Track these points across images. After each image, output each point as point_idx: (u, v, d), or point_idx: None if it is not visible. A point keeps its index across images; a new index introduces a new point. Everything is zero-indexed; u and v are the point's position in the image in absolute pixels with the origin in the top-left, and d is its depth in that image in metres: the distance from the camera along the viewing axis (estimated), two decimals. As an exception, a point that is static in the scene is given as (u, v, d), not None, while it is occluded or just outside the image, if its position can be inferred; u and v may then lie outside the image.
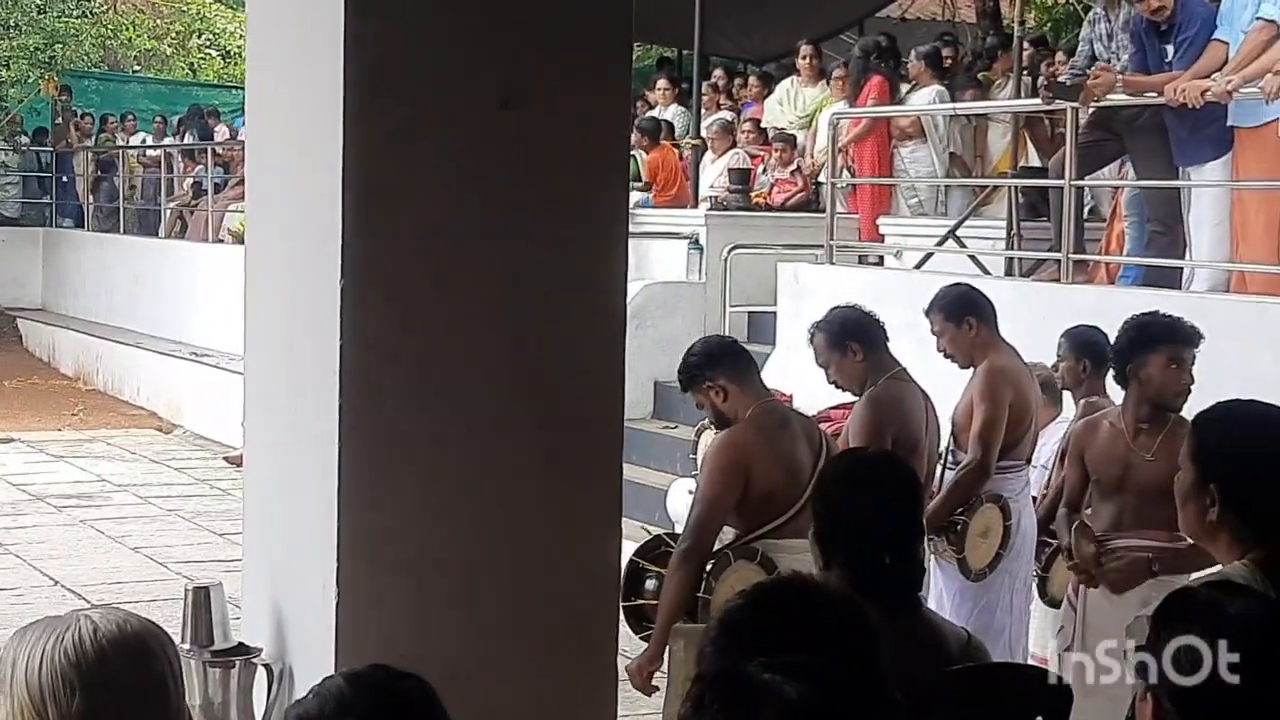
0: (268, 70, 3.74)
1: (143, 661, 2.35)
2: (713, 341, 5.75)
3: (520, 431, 3.46)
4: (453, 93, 3.37)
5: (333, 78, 3.26)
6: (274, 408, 3.70)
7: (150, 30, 29.85)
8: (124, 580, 9.54)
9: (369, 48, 3.27)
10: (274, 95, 3.70)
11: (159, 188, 20.09)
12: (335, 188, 3.27)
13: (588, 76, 3.49)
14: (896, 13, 19.56)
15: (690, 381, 5.45)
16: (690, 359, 5.46)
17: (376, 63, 3.29)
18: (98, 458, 13.92)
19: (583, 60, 3.48)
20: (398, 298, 3.35)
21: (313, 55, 3.38)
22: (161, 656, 2.38)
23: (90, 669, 2.29)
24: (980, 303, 6.36)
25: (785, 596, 2.37)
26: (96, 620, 2.35)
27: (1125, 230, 8.95)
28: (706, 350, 5.49)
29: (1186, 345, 5.37)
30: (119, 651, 2.32)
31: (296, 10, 3.53)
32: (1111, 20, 8.72)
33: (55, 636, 2.31)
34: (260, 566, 3.75)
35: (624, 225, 3.64)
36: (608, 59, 3.54)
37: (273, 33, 3.71)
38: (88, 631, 2.32)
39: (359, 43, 3.25)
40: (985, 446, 6.08)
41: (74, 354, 18.63)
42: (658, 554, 5.33)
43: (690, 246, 12.20)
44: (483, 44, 3.39)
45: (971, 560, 6.10)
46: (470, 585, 3.44)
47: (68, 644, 2.30)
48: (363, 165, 3.27)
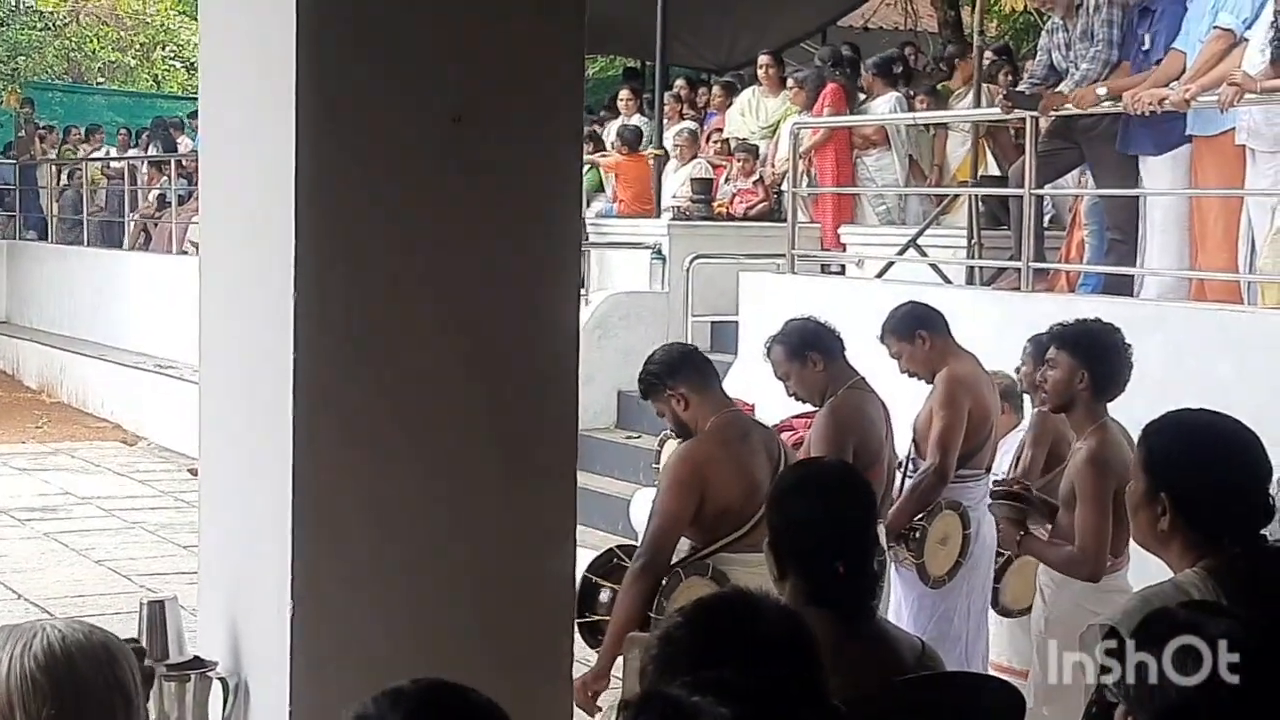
0: (221, 85, 3.75)
1: (109, 670, 2.36)
2: (673, 349, 5.70)
3: (474, 443, 3.47)
4: (405, 106, 3.38)
5: (285, 92, 3.27)
6: (229, 420, 3.70)
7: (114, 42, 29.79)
8: (87, 593, 9.49)
9: (322, 62, 3.28)
10: (227, 110, 3.70)
11: (123, 200, 20.02)
12: (288, 201, 3.27)
13: (539, 91, 3.51)
14: (859, 22, 19.64)
15: (650, 389, 5.42)
16: (650, 367, 5.41)
17: (329, 77, 3.29)
18: (62, 470, 13.85)
19: (534, 75, 3.50)
20: (351, 310, 3.36)
21: (265, 69, 3.38)
22: (126, 666, 2.39)
23: (60, 675, 2.30)
24: (929, 316, 6.40)
25: (722, 612, 2.37)
26: (62, 628, 2.36)
27: (1085, 239, 9.00)
28: (667, 358, 5.44)
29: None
30: (86, 659, 2.33)
31: (249, 24, 3.54)
32: (1070, 29, 8.78)
33: (23, 644, 2.32)
34: (216, 579, 3.75)
35: (576, 237, 3.66)
36: (559, 73, 3.55)
37: (226, 48, 3.71)
38: (55, 639, 2.33)
39: (312, 57, 3.26)
40: (944, 452, 6.11)
41: (38, 366, 18.55)
42: (610, 568, 5.31)
43: (653, 256, 12.22)
44: (435, 59, 3.40)
45: (930, 567, 6.12)
46: (425, 596, 3.45)
47: (37, 650, 2.31)
48: (316, 178, 3.28)
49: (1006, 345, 6.94)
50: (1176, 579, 3.14)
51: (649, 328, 11.46)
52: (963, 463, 6.21)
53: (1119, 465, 5.08)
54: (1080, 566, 5.10)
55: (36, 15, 25.21)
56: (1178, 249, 8.21)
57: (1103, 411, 5.23)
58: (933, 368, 6.31)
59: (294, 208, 3.27)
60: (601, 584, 5.25)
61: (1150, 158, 8.24)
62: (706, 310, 11.52)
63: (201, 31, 3.98)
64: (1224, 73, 7.64)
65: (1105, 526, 5.06)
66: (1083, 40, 8.64)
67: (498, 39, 3.46)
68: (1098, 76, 8.50)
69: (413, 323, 3.41)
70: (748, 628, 2.27)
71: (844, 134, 12.01)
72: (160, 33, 30.55)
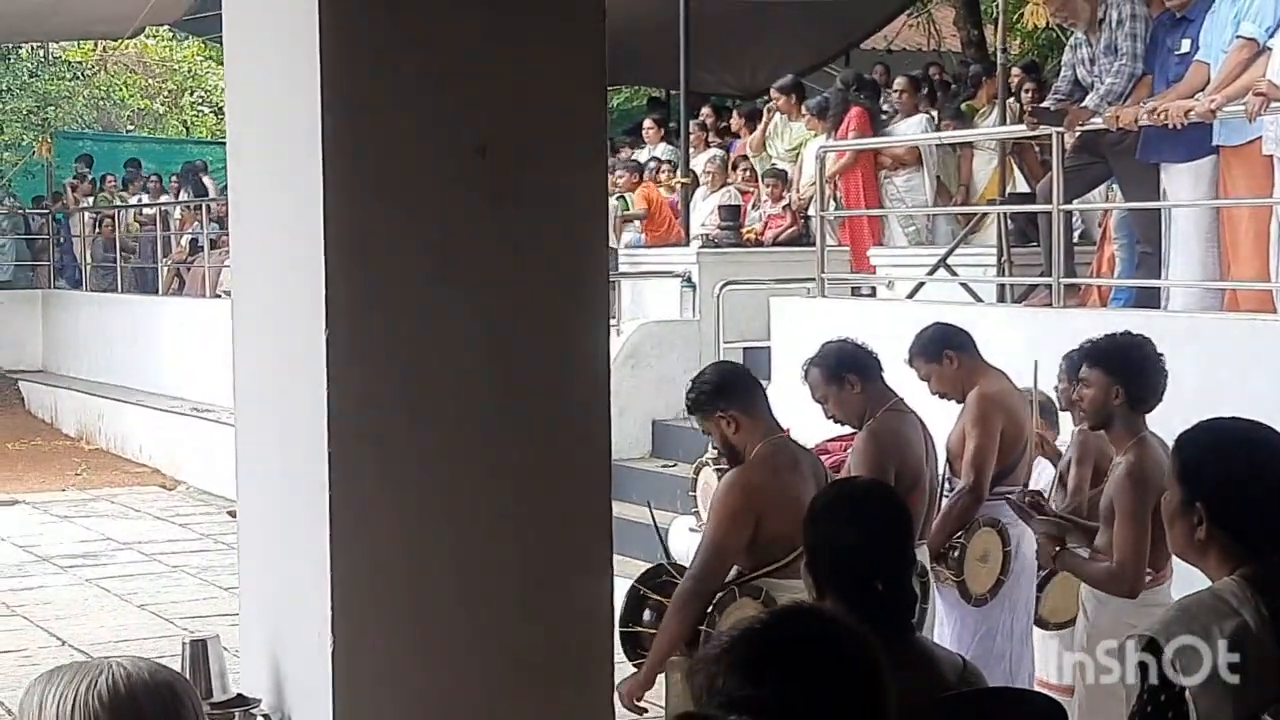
0: (248, 125, 3.78)
1: (173, 709, 2.37)
2: (725, 369, 5.67)
3: (509, 474, 3.48)
4: (431, 141, 3.40)
5: (311, 130, 3.30)
6: (265, 460, 3.72)
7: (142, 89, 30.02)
8: (131, 638, 9.53)
9: (346, 99, 3.31)
10: (254, 151, 3.74)
11: (156, 245, 20.15)
12: (317, 239, 3.30)
13: (563, 121, 3.53)
14: (881, 44, 19.66)
15: (699, 409, 5.37)
16: (702, 385, 5.36)
17: (354, 114, 3.32)
18: (102, 516, 13.92)
19: (558, 106, 3.52)
20: (383, 346, 3.38)
21: (291, 108, 3.42)
22: (189, 705, 2.40)
23: (123, 714, 2.31)
24: (955, 335, 6.40)
25: (796, 625, 2.38)
26: (129, 667, 2.37)
27: (1115, 253, 8.98)
28: (719, 378, 5.40)
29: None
30: (150, 699, 2.34)
31: (274, 64, 3.57)
32: (1093, 44, 8.77)
33: (88, 681, 2.33)
34: (257, 618, 3.76)
35: (604, 266, 3.67)
36: (582, 103, 3.57)
37: (251, 87, 3.75)
38: (120, 677, 2.34)
39: (336, 94, 3.29)
40: (978, 471, 6.09)
41: (76, 414, 18.65)
42: (659, 582, 5.31)
43: (683, 284, 12.24)
44: (459, 92, 3.42)
45: (971, 585, 6.10)
46: (464, 629, 3.46)
47: (101, 688, 2.32)
48: (343, 215, 3.30)
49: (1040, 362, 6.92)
50: (1215, 588, 3.13)
51: (681, 356, 11.47)
52: (998, 479, 6.19)
53: (1158, 479, 5.05)
54: (1118, 582, 5.08)
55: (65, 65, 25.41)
56: (1202, 259, 8.18)
57: (1141, 425, 5.21)
58: (963, 387, 6.30)
59: (323, 245, 3.29)
60: (649, 598, 5.25)
61: (1172, 167, 8.22)
62: (738, 336, 11.52)
63: (227, 73, 4.02)
64: (1249, 82, 7.62)
65: (1142, 542, 5.04)
66: (1106, 55, 8.63)
67: (520, 71, 3.48)
68: (1123, 90, 8.49)
69: (445, 357, 3.42)
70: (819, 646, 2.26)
71: (870, 157, 12.02)
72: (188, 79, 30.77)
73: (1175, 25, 8.44)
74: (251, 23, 3.72)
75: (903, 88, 12.31)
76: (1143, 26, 8.53)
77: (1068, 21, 9.37)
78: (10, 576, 11.46)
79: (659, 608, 5.15)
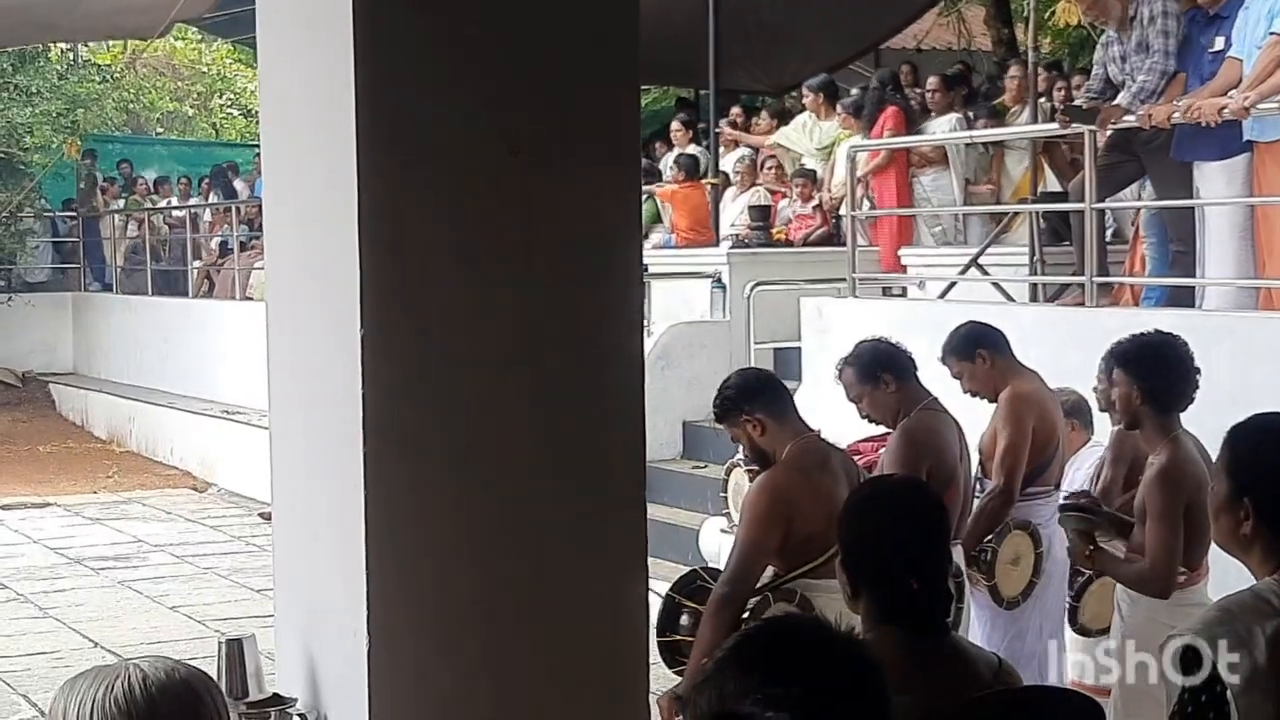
0: (281, 126, 3.79)
1: (191, 709, 2.38)
2: (749, 374, 5.68)
3: (544, 476, 3.48)
4: (464, 142, 3.40)
5: (344, 130, 3.30)
6: (300, 461, 3.73)
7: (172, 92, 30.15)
8: (163, 639, 9.57)
9: (379, 100, 3.31)
10: (288, 151, 3.74)
11: (185, 248, 20.24)
12: (352, 240, 3.30)
13: (596, 121, 3.52)
14: (911, 43, 19.64)
15: (725, 414, 5.38)
16: (726, 391, 5.38)
17: (387, 114, 3.32)
18: (134, 519, 13.99)
19: (591, 106, 3.51)
20: (417, 347, 3.38)
21: (325, 109, 3.42)
22: (210, 703, 2.41)
23: (140, 716, 2.32)
24: (988, 334, 6.38)
25: (792, 626, 2.37)
26: (145, 669, 2.38)
27: (1145, 252, 8.95)
28: (743, 383, 5.41)
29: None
30: (168, 699, 2.35)
31: (307, 65, 3.58)
32: (1125, 42, 8.74)
33: (105, 685, 2.35)
34: (292, 617, 3.77)
35: (638, 266, 3.66)
36: (615, 104, 3.56)
37: (284, 89, 3.75)
38: (137, 680, 2.35)
39: (370, 95, 3.29)
40: (1009, 472, 6.08)
41: (106, 416, 18.74)
42: (693, 589, 5.30)
43: (713, 285, 12.23)
44: (492, 92, 3.42)
45: (1003, 588, 6.09)
46: (500, 628, 3.45)
47: (118, 692, 2.33)
48: (377, 216, 3.30)
49: (1072, 362, 6.90)
50: (1256, 588, 3.11)
51: (712, 357, 11.47)
52: (1030, 480, 6.18)
53: (1190, 480, 5.04)
54: (1150, 583, 5.06)
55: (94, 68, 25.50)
56: (1236, 258, 8.14)
57: (1173, 425, 5.19)
58: (995, 387, 6.29)
59: (357, 246, 3.29)
60: (684, 604, 5.24)
61: (1205, 165, 8.18)
62: (768, 337, 11.52)
63: (260, 75, 4.02)
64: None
65: (1175, 543, 5.03)
66: (1138, 52, 8.61)
67: (553, 70, 3.47)
68: (1155, 88, 8.46)
69: (479, 358, 3.42)
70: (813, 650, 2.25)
71: (904, 157, 12.00)
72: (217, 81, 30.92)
73: (1208, 23, 8.41)
74: (285, 24, 3.72)
75: (935, 86, 12.29)
76: (1175, 24, 8.50)
77: (1099, 19, 9.35)
78: (42, 579, 11.53)
79: (695, 614, 5.14)
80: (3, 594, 11.07)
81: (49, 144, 20.97)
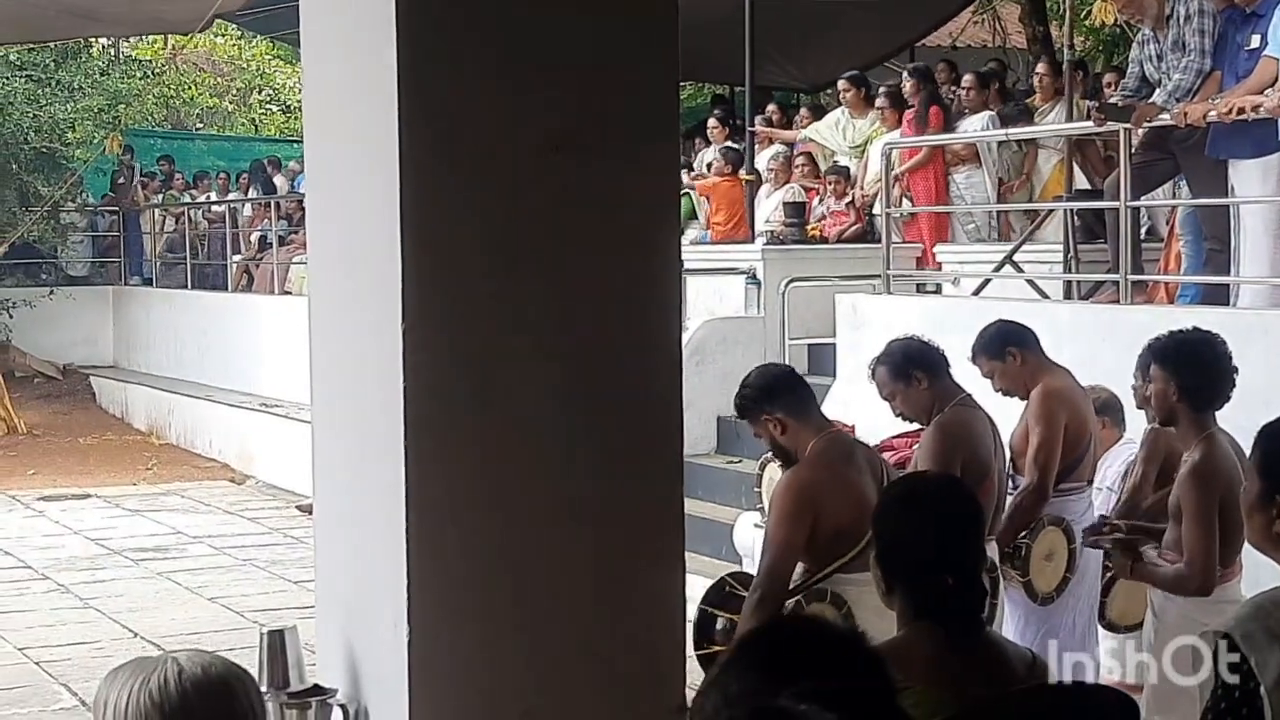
0: (324, 123, 3.83)
1: (225, 702, 2.43)
2: (769, 371, 5.67)
3: (583, 470, 3.51)
4: (505, 138, 3.44)
5: (387, 128, 3.34)
6: (342, 454, 3.77)
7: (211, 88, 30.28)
8: (202, 630, 9.65)
9: (422, 96, 3.35)
10: (331, 146, 3.78)
11: (225, 243, 20.35)
12: (394, 236, 3.34)
13: (636, 117, 3.55)
14: (946, 41, 19.61)
15: (746, 413, 5.40)
16: (746, 390, 5.39)
17: (430, 110, 3.36)
18: (173, 510, 14.08)
19: (632, 102, 3.55)
20: (458, 342, 3.42)
21: (368, 106, 3.46)
22: (244, 697, 2.45)
23: (173, 710, 2.37)
24: (1018, 332, 6.39)
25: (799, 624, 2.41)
26: (182, 662, 2.43)
27: (1181, 249, 8.94)
28: (762, 381, 5.42)
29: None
30: (201, 693, 2.40)
31: (351, 63, 3.62)
32: (1161, 40, 8.73)
33: (141, 679, 2.39)
34: (333, 609, 3.82)
35: (676, 264, 3.69)
36: (656, 100, 3.60)
37: (328, 85, 3.79)
38: (172, 674, 2.40)
39: (412, 91, 3.33)
40: (1042, 469, 6.09)
41: (146, 409, 18.86)
42: (724, 596, 5.31)
43: (748, 281, 12.25)
44: (534, 89, 3.46)
45: (1037, 584, 6.10)
46: (539, 622, 3.49)
47: (152, 686, 2.38)
48: (419, 211, 3.34)
49: (1106, 359, 6.92)
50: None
51: (746, 352, 11.49)
52: (1063, 477, 6.19)
53: (1224, 477, 5.06)
54: (1189, 583, 5.08)
55: (135, 64, 25.64)
56: (1270, 256, 8.13)
57: (1208, 423, 5.20)
58: (1026, 384, 6.30)
59: (399, 242, 3.33)
60: (717, 614, 5.24)
61: (1240, 163, 8.17)
62: (803, 333, 11.54)
63: (304, 73, 4.06)
64: (1318, 78, 7.59)
65: (1210, 540, 5.04)
66: (1174, 51, 8.60)
67: (594, 67, 3.51)
68: (1191, 86, 8.45)
69: (519, 352, 3.46)
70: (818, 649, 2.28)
71: (940, 154, 12.01)
72: (256, 77, 31.03)
73: (1244, 21, 8.39)
74: (328, 21, 3.77)
75: (970, 84, 12.29)
76: (1211, 22, 8.48)
77: (1135, 18, 9.34)
78: (83, 569, 11.63)
79: (730, 622, 5.15)
80: (44, 584, 11.17)
81: (90, 139, 21.10)
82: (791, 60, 17.21)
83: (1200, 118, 8.18)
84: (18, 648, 9.39)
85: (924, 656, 3.33)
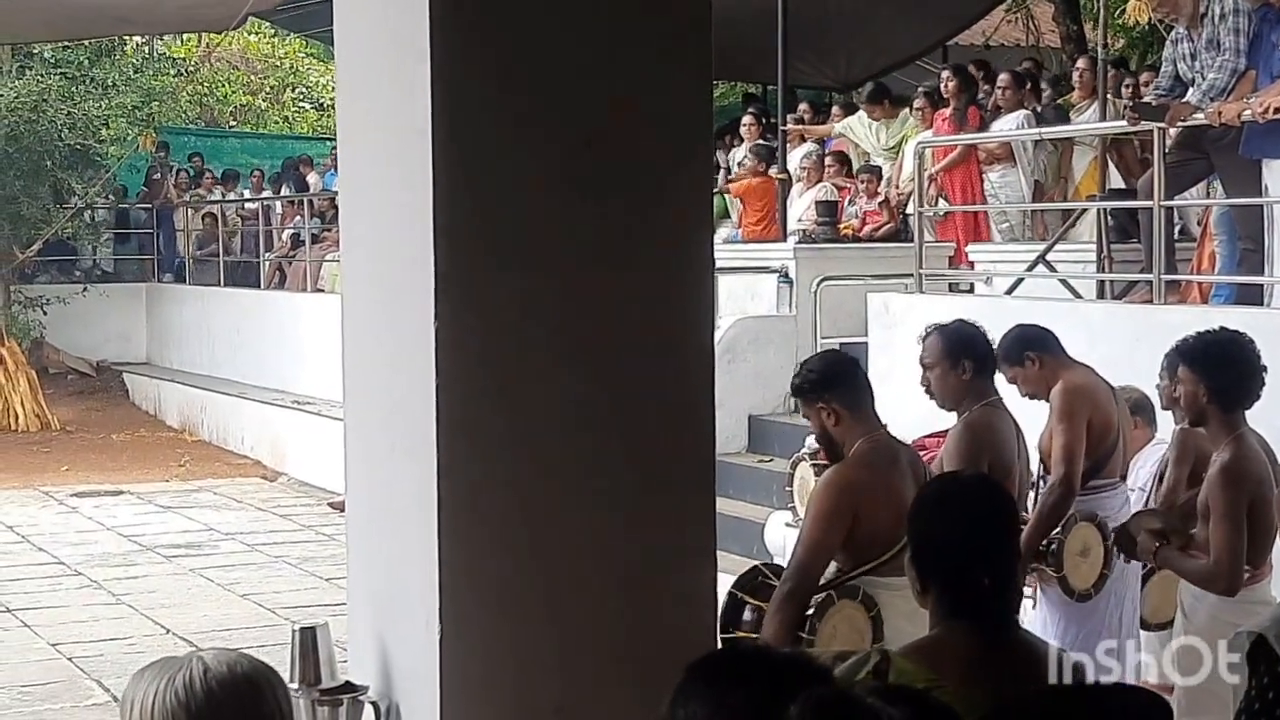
0: (357, 120, 3.84)
1: (251, 701, 2.43)
2: (833, 359, 5.62)
3: (614, 467, 3.52)
4: (538, 135, 3.45)
5: (420, 125, 3.35)
6: (374, 450, 3.78)
7: (244, 86, 30.39)
8: (234, 627, 9.69)
9: (455, 94, 3.35)
10: (364, 144, 3.80)
11: (258, 240, 20.41)
12: (427, 234, 3.35)
13: (669, 115, 3.55)
14: (979, 39, 19.57)
15: (803, 396, 5.36)
16: (808, 374, 5.33)
17: (463, 108, 3.37)
18: (205, 507, 14.13)
19: (665, 100, 3.55)
20: (491, 339, 3.42)
21: (400, 103, 3.47)
22: (270, 696, 2.46)
23: (199, 709, 2.38)
24: (1036, 336, 6.36)
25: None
26: (208, 661, 2.43)
27: (1215, 249, 8.90)
28: (825, 368, 5.36)
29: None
30: (227, 692, 2.40)
31: (385, 61, 3.63)
32: (1195, 39, 8.70)
33: (168, 678, 2.40)
34: (365, 606, 3.83)
35: (709, 262, 3.69)
36: (688, 98, 3.60)
37: (361, 83, 3.80)
38: (198, 673, 2.40)
39: (445, 90, 3.34)
40: (1067, 464, 6.05)
41: (179, 406, 18.93)
42: (756, 585, 5.31)
43: (780, 280, 12.24)
44: (566, 87, 3.46)
45: (1073, 580, 6.05)
46: (570, 619, 3.49)
47: (178, 685, 2.39)
48: (452, 209, 3.35)
49: (1140, 359, 6.87)
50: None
51: (778, 351, 11.49)
52: (1093, 473, 6.15)
53: (1253, 477, 5.04)
54: (1215, 580, 5.06)
55: (169, 62, 25.74)
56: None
57: (1238, 423, 5.18)
58: (1048, 385, 6.27)
59: (432, 239, 3.34)
60: (746, 600, 5.23)
61: (1275, 162, 8.13)
62: (835, 332, 11.50)
63: (338, 72, 4.07)
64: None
65: (1238, 540, 5.02)
66: (1208, 50, 8.56)
67: (627, 65, 3.51)
68: (1225, 85, 8.41)
69: (551, 350, 3.47)
70: None
71: (974, 153, 11.99)
72: (290, 75, 31.12)
73: (1279, 20, 8.36)
74: (361, 19, 3.78)
75: (1005, 84, 12.27)
76: (1245, 21, 8.44)
77: (1169, 17, 9.30)
78: (116, 565, 11.68)
79: (758, 610, 5.15)
80: (77, 580, 11.22)
81: (124, 136, 21.19)
82: (824, 59, 17.18)
83: (1234, 117, 8.14)
84: (51, 643, 9.44)
85: (958, 656, 3.33)
